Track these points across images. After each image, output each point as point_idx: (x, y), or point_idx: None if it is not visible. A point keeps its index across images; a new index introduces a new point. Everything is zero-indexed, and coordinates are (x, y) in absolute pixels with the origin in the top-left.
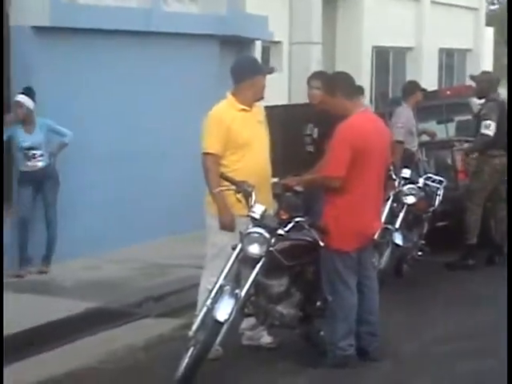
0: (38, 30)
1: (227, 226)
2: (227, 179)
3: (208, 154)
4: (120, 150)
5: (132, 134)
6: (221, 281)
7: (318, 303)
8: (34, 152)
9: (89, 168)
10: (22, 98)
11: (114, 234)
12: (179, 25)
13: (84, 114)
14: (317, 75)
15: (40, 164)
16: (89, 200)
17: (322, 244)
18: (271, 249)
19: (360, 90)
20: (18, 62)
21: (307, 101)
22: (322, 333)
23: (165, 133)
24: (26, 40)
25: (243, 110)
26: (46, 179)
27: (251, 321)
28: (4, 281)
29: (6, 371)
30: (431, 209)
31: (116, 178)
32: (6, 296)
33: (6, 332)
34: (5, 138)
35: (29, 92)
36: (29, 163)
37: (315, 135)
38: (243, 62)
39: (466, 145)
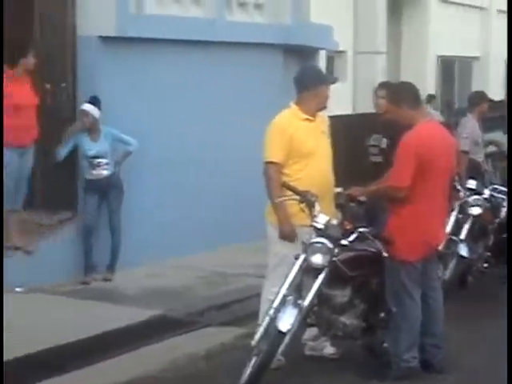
0: (104, 39)
1: (287, 236)
2: (290, 188)
3: (270, 163)
4: (184, 160)
5: (195, 142)
6: (284, 291)
7: (382, 314)
8: (99, 160)
9: (153, 177)
10: (87, 106)
11: (178, 242)
12: (243, 34)
13: (148, 123)
14: (383, 85)
15: (105, 172)
16: (152, 208)
17: (385, 255)
18: (334, 259)
19: (431, 98)
20: (85, 71)
21: (372, 111)
22: (385, 344)
23: (227, 141)
24: (93, 50)
25: (306, 119)
26: (110, 187)
27: (314, 331)
28: (70, 288)
29: (70, 377)
30: (497, 220)
31: (180, 186)
32: (72, 303)
33: (71, 338)
34: (71, 146)
35: (95, 101)
36: (94, 172)
37: (383, 145)
38: (307, 71)
39: None
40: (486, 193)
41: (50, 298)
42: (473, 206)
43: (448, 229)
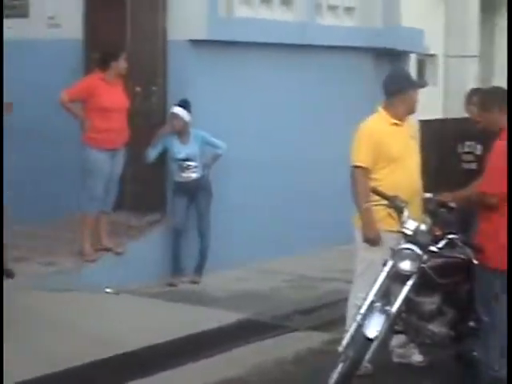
0: (194, 43)
1: (370, 241)
2: (379, 193)
3: (357, 167)
4: (271, 163)
5: (283, 145)
6: (371, 297)
7: (471, 323)
8: (189, 163)
9: (240, 180)
10: (178, 110)
11: (265, 245)
12: (334, 38)
13: (237, 126)
14: (475, 91)
15: (194, 175)
16: (239, 211)
17: (475, 262)
18: (423, 265)
19: None
20: (175, 74)
21: (463, 116)
22: (474, 353)
23: (315, 145)
24: (183, 53)
25: (395, 124)
26: (199, 190)
27: (402, 338)
28: (157, 289)
29: (157, 379)
30: None
31: (268, 189)
32: (160, 304)
33: (158, 340)
34: (160, 149)
35: (185, 104)
36: (183, 174)
37: (478, 152)
38: (395, 75)
39: None
40: None
41: (138, 300)
42: None
43: None
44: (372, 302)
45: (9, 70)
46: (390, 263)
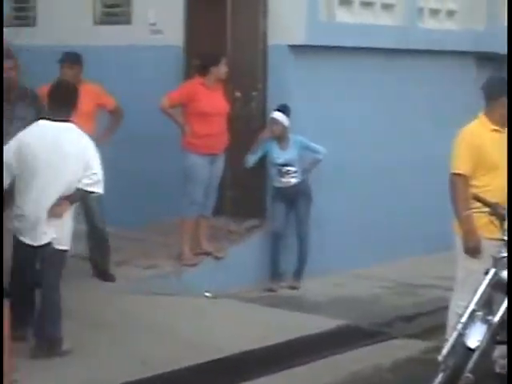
0: (294, 48)
1: (471, 250)
2: (480, 200)
3: (457, 174)
4: (369, 168)
5: (380, 151)
6: (472, 306)
7: None
8: (288, 168)
9: (339, 185)
10: (277, 115)
11: (364, 251)
12: (435, 42)
13: (336, 132)
14: None
15: (293, 180)
16: (339, 217)
17: None
18: None
19: None
20: (275, 79)
21: None
22: None
23: (415, 150)
24: (283, 58)
25: (495, 130)
26: (298, 195)
27: (505, 349)
28: (256, 294)
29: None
30: None
31: (367, 194)
32: (258, 309)
33: (256, 345)
34: (260, 154)
35: (284, 109)
36: (283, 179)
37: None
38: (496, 80)
39: None
40: None
41: (236, 304)
42: None
43: None
44: (473, 311)
45: (111, 76)
46: (491, 272)
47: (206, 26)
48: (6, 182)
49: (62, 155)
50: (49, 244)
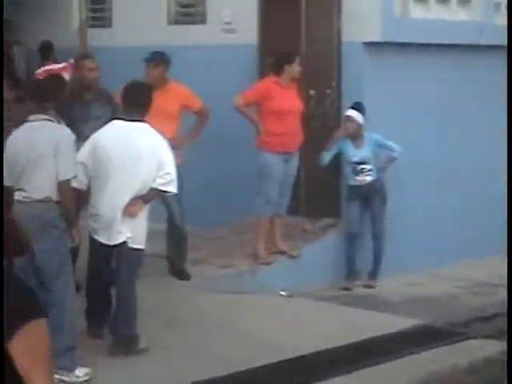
0: (369, 45)
1: None
2: None
3: None
4: (443, 166)
5: (456, 151)
6: None
7: None
8: (363, 167)
9: (412, 183)
10: (352, 113)
11: (440, 250)
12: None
13: (409, 129)
14: None
15: (368, 178)
16: (414, 216)
17: None
18: None
19: None
20: (349, 77)
21: None
22: None
23: (493, 148)
24: (357, 55)
25: None
26: (373, 194)
27: None
28: (330, 293)
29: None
30: None
31: (442, 191)
32: (333, 308)
33: (331, 344)
34: (334, 152)
35: (359, 107)
36: (357, 178)
37: None
38: None
39: None
40: None
41: (311, 303)
42: None
43: None
44: None
45: (185, 75)
46: None
47: (279, 24)
48: (84, 182)
49: (136, 155)
50: (124, 243)
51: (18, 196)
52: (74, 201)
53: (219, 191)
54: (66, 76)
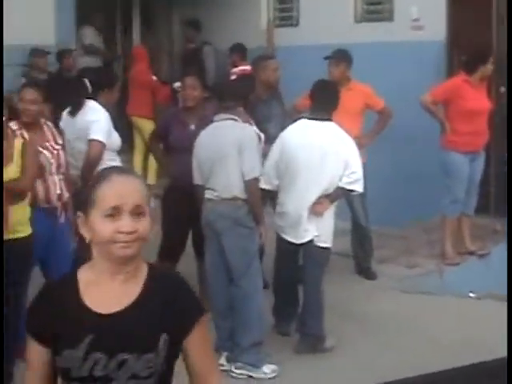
0: None
1: None
2: None
3: None
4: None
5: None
6: None
7: None
8: None
9: None
10: None
11: None
12: None
13: None
14: None
15: None
16: None
17: None
18: None
19: None
20: None
21: None
22: None
23: None
24: None
25: None
26: None
27: None
28: None
29: None
30: None
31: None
32: None
33: None
34: None
35: None
36: None
37: None
38: None
39: None
40: None
41: (501, 306)
42: None
43: None
44: None
45: (370, 73)
46: None
47: (470, 21)
48: (274, 183)
49: (323, 154)
50: (310, 241)
51: (208, 195)
52: (261, 199)
53: (405, 190)
54: None
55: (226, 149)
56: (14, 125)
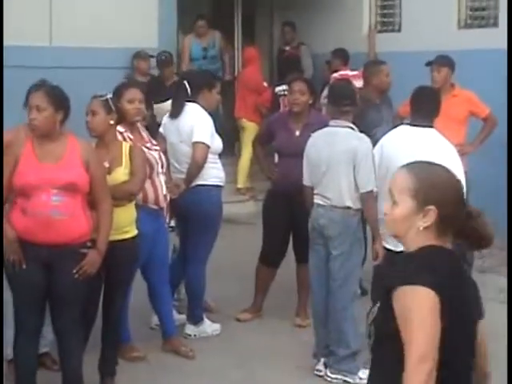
0: None
1: None
2: None
3: None
4: None
5: None
6: None
7: None
8: None
9: None
10: None
11: None
12: None
13: None
14: None
15: None
16: None
17: None
18: None
19: None
20: None
21: None
22: None
23: None
24: None
25: None
26: None
27: None
28: None
29: None
30: None
31: None
32: None
33: None
34: None
35: None
36: None
37: None
38: None
39: None
40: None
41: None
42: None
43: None
44: None
45: (474, 80)
46: None
47: None
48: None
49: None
50: None
51: (319, 200)
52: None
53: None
54: (358, 83)
55: (340, 156)
56: (120, 127)
